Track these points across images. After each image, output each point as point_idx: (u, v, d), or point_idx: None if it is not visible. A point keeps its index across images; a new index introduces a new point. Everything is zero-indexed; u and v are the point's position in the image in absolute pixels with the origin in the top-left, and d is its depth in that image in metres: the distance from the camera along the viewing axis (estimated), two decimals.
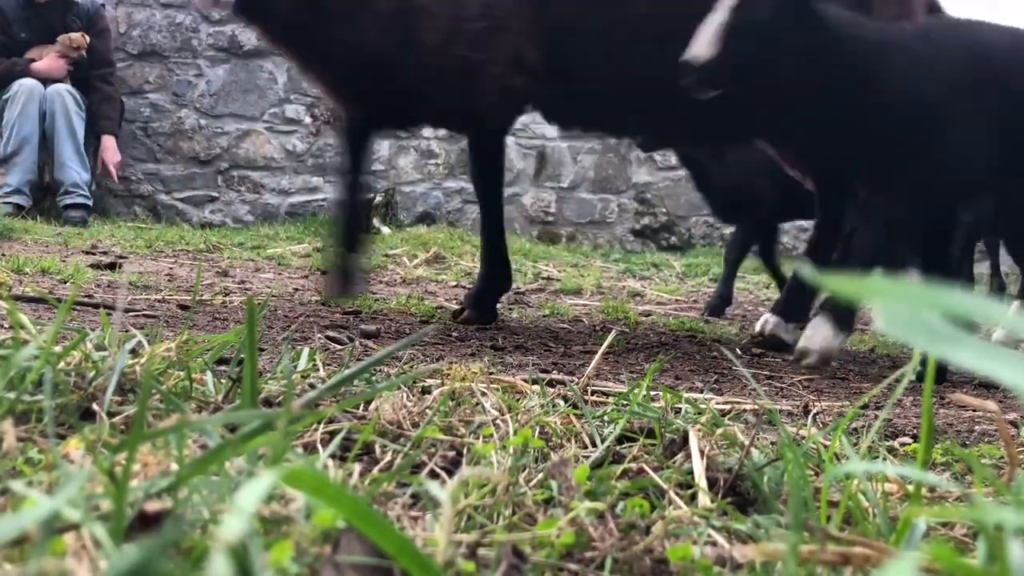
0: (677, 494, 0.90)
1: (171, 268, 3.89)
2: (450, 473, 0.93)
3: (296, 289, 3.49)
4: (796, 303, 2.89)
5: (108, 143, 6.19)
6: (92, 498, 0.63)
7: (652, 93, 2.78)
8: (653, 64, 2.61)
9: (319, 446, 0.96)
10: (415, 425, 1.07)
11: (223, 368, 1.22)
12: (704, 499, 0.90)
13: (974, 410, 1.81)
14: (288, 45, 2.97)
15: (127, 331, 1.22)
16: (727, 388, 1.92)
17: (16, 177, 5.84)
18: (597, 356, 1.49)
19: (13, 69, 5.95)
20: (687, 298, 4.43)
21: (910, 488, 0.92)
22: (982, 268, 8.55)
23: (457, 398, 1.24)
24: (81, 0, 6.15)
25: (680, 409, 1.30)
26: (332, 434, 0.98)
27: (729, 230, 7.39)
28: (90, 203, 6.09)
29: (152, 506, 0.62)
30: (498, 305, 2.99)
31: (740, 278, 5.67)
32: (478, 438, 1.05)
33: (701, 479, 0.94)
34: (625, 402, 1.28)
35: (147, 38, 6.86)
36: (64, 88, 5.97)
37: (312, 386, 1.25)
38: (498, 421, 1.11)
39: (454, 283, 4.22)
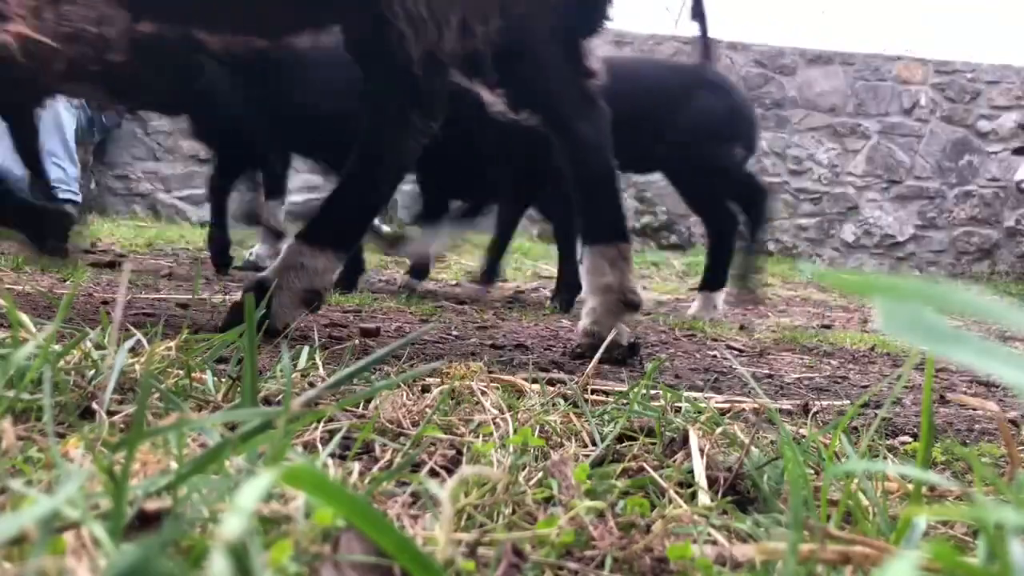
0: (677, 493, 0.90)
1: (171, 267, 3.89)
2: (450, 472, 0.93)
3: None
4: None
5: None
6: (91, 497, 0.63)
7: None
8: None
9: (319, 445, 0.96)
10: (415, 423, 1.07)
11: (223, 367, 1.22)
12: (704, 498, 0.90)
13: (974, 409, 1.81)
14: None
15: (127, 330, 1.22)
16: (727, 387, 1.92)
17: None
18: (597, 355, 1.49)
19: None
20: (687, 297, 4.43)
21: (910, 487, 0.92)
22: (982, 267, 8.55)
23: (457, 396, 1.24)
24: None
25: (680, 408, 1.30)
26: (332, 433, 0.97)
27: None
28: (78, 199, 5.98)
29: (152, 505, 0.62)
30: (497, 304, 2.99)
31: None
32: (478, 436, 1.05)
33: (701, 478, 0.94)
34: (625, 401, 1.28)
35: None
36: None
37: (312, 384, 1.25)
38: (498, 420, 1.11)
39: (454, 282, 4.22)
